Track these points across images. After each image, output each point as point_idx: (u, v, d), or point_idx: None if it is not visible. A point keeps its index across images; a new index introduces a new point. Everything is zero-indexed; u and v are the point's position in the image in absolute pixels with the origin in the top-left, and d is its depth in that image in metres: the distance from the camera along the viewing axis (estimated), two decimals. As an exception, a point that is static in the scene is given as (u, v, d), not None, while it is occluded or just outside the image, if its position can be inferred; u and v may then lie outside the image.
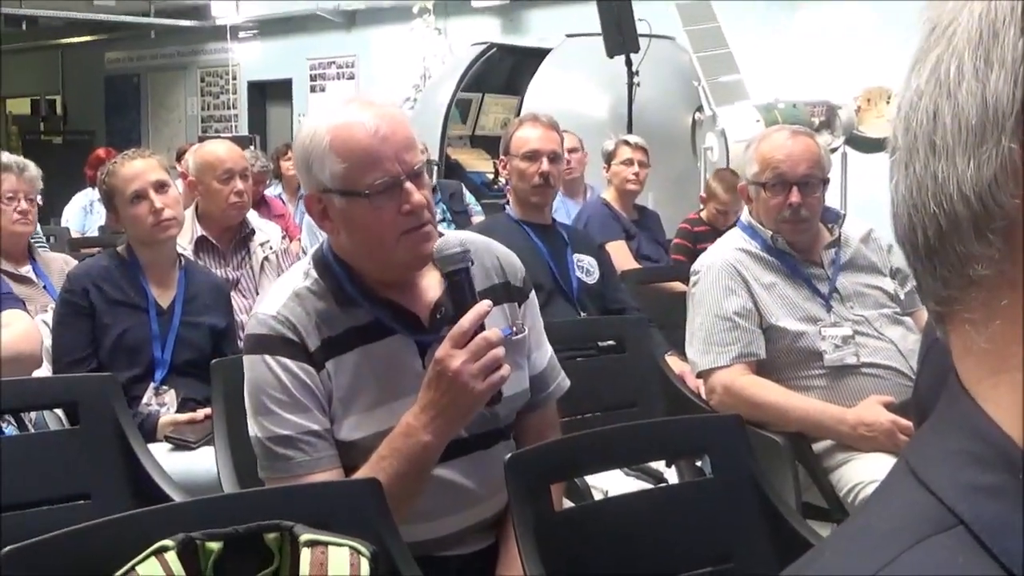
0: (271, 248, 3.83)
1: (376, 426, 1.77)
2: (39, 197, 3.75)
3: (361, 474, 1.70)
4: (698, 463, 2.57)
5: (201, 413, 2.91)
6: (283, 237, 4.19)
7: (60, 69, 16.73)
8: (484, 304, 1.71)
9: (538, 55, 8.88)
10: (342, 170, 1.71)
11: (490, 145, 8.70)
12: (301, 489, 1.67)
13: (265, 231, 3.92)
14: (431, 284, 1.87)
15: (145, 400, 2.96)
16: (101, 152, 7.27)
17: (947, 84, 0.51)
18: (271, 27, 13.77)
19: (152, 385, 2.99)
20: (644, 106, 7.28)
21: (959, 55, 0.51)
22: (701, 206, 5.10)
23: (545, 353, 2.03)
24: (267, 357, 1.75)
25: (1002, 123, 0.49)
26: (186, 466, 2.66)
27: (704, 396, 2.83)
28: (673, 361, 3.31)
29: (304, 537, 1.42)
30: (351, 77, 13.21)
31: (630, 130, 6.58)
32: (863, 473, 2.49)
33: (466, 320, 1.68)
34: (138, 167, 3.08)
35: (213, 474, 2.33)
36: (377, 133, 1.71)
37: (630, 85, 7.14)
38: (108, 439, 2.37)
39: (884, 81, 6.71)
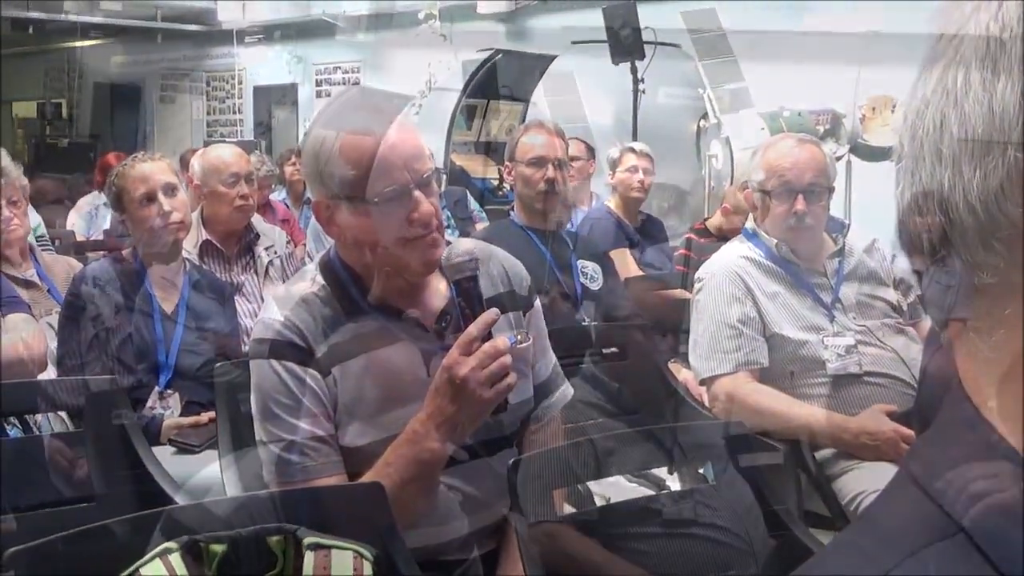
0: (275, 253, 3.83)
1: (380, 432, 1.77)
2: (23, 193, 3.50)
3: (366, 479, 1.70)
4: (700, 470, 2.57)
5: (205, 417, 2.91)
6: (287, 242, 4.19)
7: (66, 72, 16.74)
8: (492, 312, 1.70)
9: (544, 61, 8.89)
10: (351, 177, 1.71)
11: (495, 151, 8.71)
12: (305, 493, 1.67)
13: (269, 236, 3.92)
14: (437, 292, 1.87)
15: (149, 403, 2.96)
16: (111, 157, 7.25)
17: (954, 93, 0.51)
18: (277, 32, 13.77)
19: (156, 389, 2.99)
20: (649, 113, 7.28)
21: (966, 65, 0.51)
22: (705, 216, 5.07)
23: (549, 362, 2.02)
24: (274, 362, 1.75)
25: (1008, 133, 0.49)
26: (190, 469, 2.66)
27: (707, 403, 2.82)
28: (676, 368, 3.31)
29: (307, 540, 1.42)
30: (356, 83, 13.20)
31: (635, 137, 6.59)
32: (866, 482, 2.49)
33: (474, 328, 1.67)
34: (148, 169, 3.09)
35: (217, 477, 2.33)
36: (387, 141, 1.71)
37: (635, 92, 7.15)
38: (112, 442, 2.37)
39: (889, 90, 6.71)
